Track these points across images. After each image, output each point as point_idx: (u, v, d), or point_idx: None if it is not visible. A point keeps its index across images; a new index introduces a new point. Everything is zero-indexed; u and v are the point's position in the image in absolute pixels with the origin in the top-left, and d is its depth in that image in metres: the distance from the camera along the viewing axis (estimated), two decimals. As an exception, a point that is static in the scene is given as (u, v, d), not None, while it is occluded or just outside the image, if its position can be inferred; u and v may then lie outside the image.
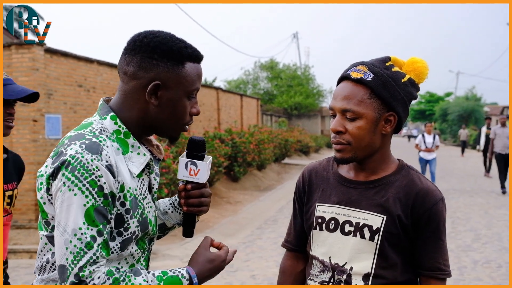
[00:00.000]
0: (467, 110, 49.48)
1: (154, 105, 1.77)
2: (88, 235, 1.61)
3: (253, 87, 46.42)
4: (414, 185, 2.03)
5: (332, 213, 2.08)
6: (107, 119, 1.79)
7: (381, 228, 1.99)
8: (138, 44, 1.77)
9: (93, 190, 1.63)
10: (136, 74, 1.76)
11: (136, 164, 1.78)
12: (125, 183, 1.72)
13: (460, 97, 63.70)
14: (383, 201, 2.02)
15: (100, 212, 1.64)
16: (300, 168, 22.66)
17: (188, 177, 1.93)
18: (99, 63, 12.57)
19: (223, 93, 23.30)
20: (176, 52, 1.77)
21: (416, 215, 2.00)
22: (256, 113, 29.52)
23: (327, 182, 2.15)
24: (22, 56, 10.65)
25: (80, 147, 1.66)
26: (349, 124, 1.98)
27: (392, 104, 1.99)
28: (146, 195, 1.84)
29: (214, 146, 14.64)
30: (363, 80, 1.97)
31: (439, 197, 2.03)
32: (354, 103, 1.97)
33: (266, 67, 46.77)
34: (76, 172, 1.63)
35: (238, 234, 9.89)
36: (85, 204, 1.62)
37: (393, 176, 2.06)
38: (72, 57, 11.86)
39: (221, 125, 21.19)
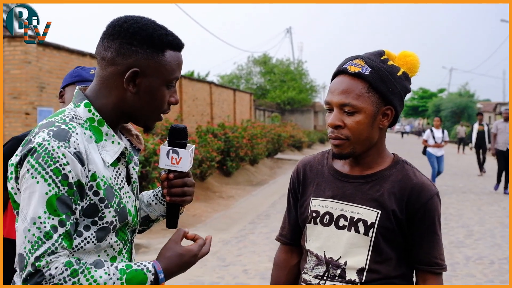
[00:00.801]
0: (460, 106, 49.66)
1: (132, 92, 1.72)
2: (48, 225, 1.55)
3: (246, 82, 46.39)
4: (409, 179, 2.02)
5: (327, 207, 2.07)
6: (80, 106, 1.74)
7: (375, 222, 1.98)
8: (118, 29, 1.71)
9: (56, 179, 1.57)
10: (114, 60, 1.70)
11: (110, 153, 1.73)
12: (97, 172, 1.67)
13: (453, 93, 63.89)
14: (378, 195, 2.01)
15: (64, 201, 1.58)
16: (293, 163, 22.67)
17: (170, 166, 1.87)
18: (92, 56, 12.50)
19: (216, 88, 23.27)
20: (156, 39, 1.71)
21: (411, 210, 1.99)
22: (249, 108, 29.51)
23: (322, 176, 2.14)
24: (15, 49, 10.60)
25: (48, 135, 1.61)
26: (348, 118, 1.96)
27: (389, 98, 1.98)
28: (123, 185, 1.79)
29: (207, 140, 14.62)
30: (361, 74, 1.96)
31: (434, 191, 2.02)
32: (353, 97, 1.95)
33: (259, 62, 46.75)
34: (41, 159, 1.58)
35: (231, 228, 9.88)
36: (47, 192, 1.57)
37: (388, 170, 2.05)
38: (65, 50, 11.81)
39: (214, 120, 21.17)
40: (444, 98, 59.81)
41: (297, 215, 2.21)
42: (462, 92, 60.22)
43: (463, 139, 32.21)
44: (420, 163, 22.11)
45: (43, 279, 1.54)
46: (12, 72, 10.63)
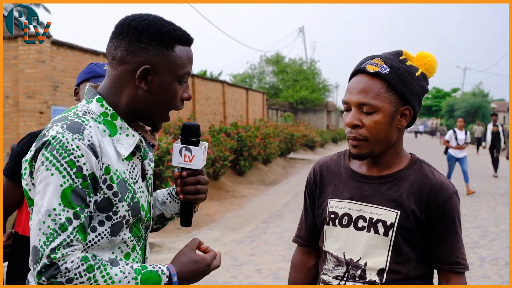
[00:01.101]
0: (474, 106, 49.35)
1: (144, 90, 1.72)
2: (63, 217, 1.55)
3: (259, 81, 46.37)
4: (428, 179, 2.00)
5: (345, 209, 2.05)
6: (93, 102, 1.74)
7: (395, 223, 1.97)
8: (126, 28, 1.71)
9: (71, 171, 1.57)
10: (124, 58, 1.71)
11: (125, 146, 1.73)
12: (110, 165, 1.67)
13: (467, 93, 63.55)
14: (396, 196, 1.99)
15: (78, 194, 1.58)
16: (305, 162, 22.63)
17: (183, 164, 1.87)
18: (105, 55, 12.52)
19: (229, 87, 23.28)
20: (165, 35, 1.71)
21: (430, 210, 1.97)
22: (262, 107, 29.50)
23: (339, 177, 2.12)
24: (29, 48, 10.65)
25: (61, 128, 1.61)
26: (366, 118, 1.94)
27: (408, 98, 1.96)
28: (138, 180, 1.78)
29: (219, 140, 14.61)
30: (380, 74, 1.94)
31: (452, 190, 2.00)
32: (372, 96, 1.93)
33: (272, 61, 46.72)
34: (55, 151, 1.58)
35: (244, 228, 9.86)
36: (61, 184, 1.56)
37: (406, 170, 2.04)
38: (79, 49, 11.86)
39: (226, 119, 21.18)
40: (458, 98, 59.47)
41: (314, 216, 2.19)
42: (476, 91, 59.86)
43: (480, 139, 30.68)
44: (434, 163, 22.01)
45: (59, 272, 1.52)
46: (26, 71, 10.68)
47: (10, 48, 10.77)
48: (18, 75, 10.75)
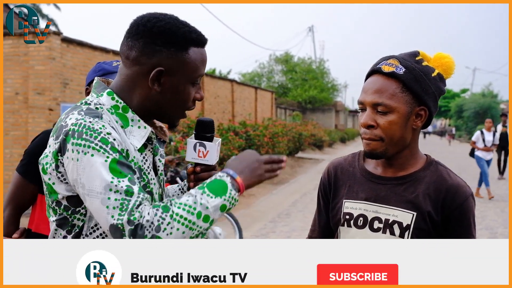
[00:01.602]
0: (483, 107, 49.04)
1: (157, 91, 1.73)
2: (123, 185, 1.56)
3: (268, 80, 46.37)
4: (444, 181, 2.00)
5: (360, 210, 2.04)
6: (103, 95, 1.75)
7: (411, 224, 1.95)
8: (141, 28, 1.71)
9: (107, 147, 1.59)
10: (138, 59, 1.71)
11: (137, 138, 1.74)
12: (129, 151, 1.68)
13: (476, 93, 63.20)
14: (412, 197, 1.98)
15: (123, 163, 1.60)
16: (313, 162, 22.60)
17: (196, 159, 1.88)
18: (114, 53, 12.56)
19: (238, 86, 23.28)
20: (180, 38, 1.71)
21: (447, 212, 1.96)
22: (271, 106, 29.49)
23: (354, 178, 2.10)
24: (39, 45, 10.67)
25: (79, 114, 1.64)
26: (381, 118, 1.94)
27: (424, 98, 1.95)
28: (150, 171, 1.79)
29: (228, 138, 14.62)
30: (395, 74, 1.93)
31: (469, 192, 1.99)
32: (386, 96, 1.92)
33: (281, 60, 46.69)
34: (84, 135, 1.59)
35: (251, 227, 9.85)
36: (106, 160, 1.58)
37: (422, 172, 2.03)
38: (88, 46, 11.89)
39: (235, 118, 21.18)
40: (467, 99, 59.16)
41: (328, 217, 2.18)
42: (485, 92, 59.56)
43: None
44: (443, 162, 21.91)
45: (145, 228, 1.54)
46: (36, 68, 10.71)
47: (21, 44, 10.81)
48: (28, 71, 10.78)
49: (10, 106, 10.93)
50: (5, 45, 10.93)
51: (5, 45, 10.93)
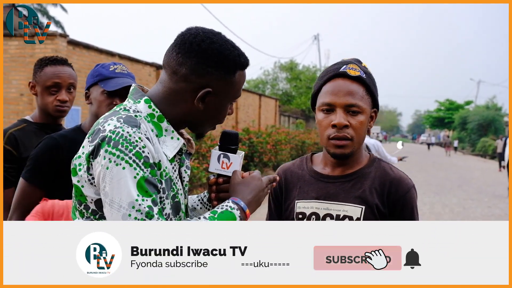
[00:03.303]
0: (487, 119, 49.07)
1: (200, 109, 1.78)
2: (146, 206, 1.60)
3: (272, 88, 46.39)
4: (387, 174, 2.15)
5: (312, 208, 2.15)
6: (141, 102, 1.78)
7: (361, 217, 2.08)
8: (196, 48, 1.74)
9: (139, 162, 1.62)
10: (188, 77, 1.75)
11: (169, 148, 1.78)
12: (162, 161, 1.72)
13: (480, 106, 63.23)
14: (360, 192, 2.12)
15: (151, 182, 1.63)
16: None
17: (220, 170, 1.91)
18: (120, 56, 12.62)
19: (242, 92, 23.24)
20: (231, 62, 1.77)
21: (392, 202, 2.11)
22: (274, 114, 29.52)
23: (303, 179, 2.23)
24: (45, 46, 10.73)
25: (118, 121, 1.66)
26: (352, 119, 2.07)
27: (376, 101, 2.15)
28: (178, 181, 1.83)
29: (231, 144, 14.62)
30: (361, 78, 2.09)
31: (411, 184, 2.15)
32: (358, 98, 2.07)
33: (286, 68, 46.72)
34: (120, 146, 1.61)
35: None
36: (135, 176, 1.61)
37: (367, 168, 2.18)
38: (94, 49, 11.94)
39: (238, 124, 21.20)
40: (471, 111, 59.13)
41: (279, 220, 2.29)
42: (489, 105, 59.56)
43: (501, 154, 28.74)
44: (444, 175, 21.87)
45: None
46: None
47: (27, 46, 10.85)
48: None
49: (14, 107, 10.97)
50: (11, 47, 10.98)
51: (11, 46, 10.98)
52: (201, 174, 12.80)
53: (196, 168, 12.83)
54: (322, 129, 2.11)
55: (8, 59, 10.98)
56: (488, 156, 39.75)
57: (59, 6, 29.32)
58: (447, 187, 18.03)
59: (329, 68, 2.17)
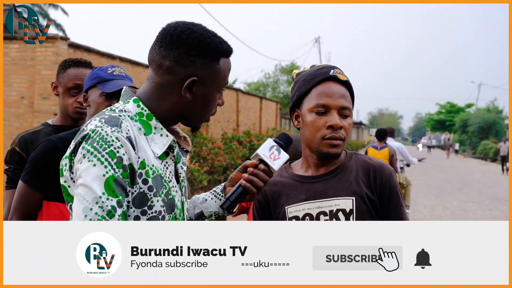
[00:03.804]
0: (488, 122, 49.03)
1: (188, 99, 1.80)
2: (109, 204, 1.61)
3: (273, 90, 46.37)
4: (368, 163, 2.23)
5: (304, 210, 2.18)
6: (130, 102, 1.82)
7: (353, 208, 2.13)
8: (176, 39, 1.77)
9: (112, 161, 1.63)
10: (172, 69, 1.78)
11: (159, 145, 1.80)
12: (146, 160, 1.73)
13: (481, 108, 63.17)
14: (347, 185, 2.18)
15: (119, 183, 1.64)
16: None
17: (266, 158, 1.95)
18: (121, 59, 12.63)
19: (243, 95, 23.33)
20: (213, 49, 1.80)
21: (379, 188, 2.18)
22: (275, 116, 29.53)
23: (288, 185, 2.25)
24: (46, 49, 10.74)
25: (100, 121, 1.70)
26: (344, 120, 2.15)
27: (353, 103, 2.23)
28: (171, 179, 1.84)
29: (232, 147, 14.63)
30: (348, 82, 2.20)
31: (391, 169, 2.24)
32: (348, 101, 2.18)
33: (287, 70, 46.68)
34: (95, 143, 1.64)
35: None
36: (104, 174, 1.62)
37: (347, 162, 2.24)
38: (95, 52, 11.95)
39: (239, 127, 21.21)
40: (472, 113, 59.09)
41: None
42: (490, 107, 59.52)
43: (504, 157, 27.36)
44: (444, 177, 21.85)
45: None
46: (43, 73, 10.77)
47: (28, 49, 10.87)
48: (35, 76, 10.84)
49: (15, 110, 10.98)
50: (12, 49, 10.99)
51: (11, 49, 10.99)
52: (202, 176, 12.81)
53: (197, 171, 12.83)
54: (315, 130, 2.15)
55: (9, 62, 11.00)
56: (489, 159, 39.74)
57: (60, 9, 29.36)
58: (447, 189, 18.03)
59: (315, 72, 2.21)
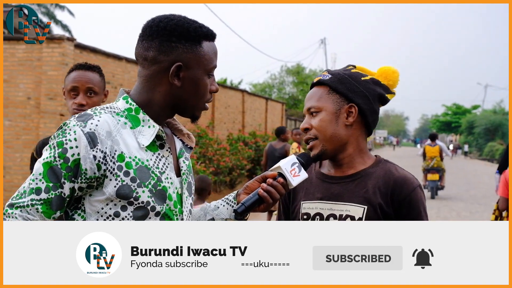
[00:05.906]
0: (494, 123, 48.83)
1: (177, 86, 1.84)
2: (34, 185, 1.69)
3: (279, 91, 46.38)
4: (391, 174, 2.17)
5: (317, 209, 2.20)
6: (120, 100, 1.88)
7: (362, 217, 2.11)
8: (155, 29, 1.82)
9: (56, 150, 1.71)
10: (156, 58, 1.82)
11: (146, 137, 1.83)
12: (126, 152, 1.76)
13: (487, 110, 62.99)
14: (363, 192, 2.15)
15: (54, 171, 1.71)
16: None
17: (286, 172, 2.01)
18: (127, 60, 12.65)
19: (249, 96, 23.33)
20: (192, 33, 1.83)
21: (397, 202, 2.11)
22: (281, 117, 29.51)
23: (310, 181, 2.26)
24: (53, 50, 10.77)
25: (73, 117, 1.77)
26: (313, 119, 2.18)
27: (349, 96, 2.17)
28: (165, 170, 1.86)
29: (237, 148, 14.63)
30: (321, 80, 2.22)
31: (416, 184, 2.15)
32: (315, 100, 2.20)
33: (293, 71, 46.70)
34: (55, 133, 1.76)
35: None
36: (44, 158, 1.72)
37: (371, 168, 2.20)
38: (101, 53, 11.98)
39: (245, 128, 21.21)
40: (478, 115, 58.91)
41: (288, 220, 2.36)
42: (496, 109, 59.32)
43: None
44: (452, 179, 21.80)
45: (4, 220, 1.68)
46: (49, 73, 10.80)
47: (34, 50, 10.90)
48: (41, 77, 10.87)
49: (21, 111, 11.02)
50: (18, 50, 11.03)
51: (18, 50, 11.03)
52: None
53: (203, 172, 12.84)
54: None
55: (15, 63, 11.03)
56: (495, 161, 39.55)
57: (66, 10, 29.42)
58: (453, 191, 17.97)
59: None
